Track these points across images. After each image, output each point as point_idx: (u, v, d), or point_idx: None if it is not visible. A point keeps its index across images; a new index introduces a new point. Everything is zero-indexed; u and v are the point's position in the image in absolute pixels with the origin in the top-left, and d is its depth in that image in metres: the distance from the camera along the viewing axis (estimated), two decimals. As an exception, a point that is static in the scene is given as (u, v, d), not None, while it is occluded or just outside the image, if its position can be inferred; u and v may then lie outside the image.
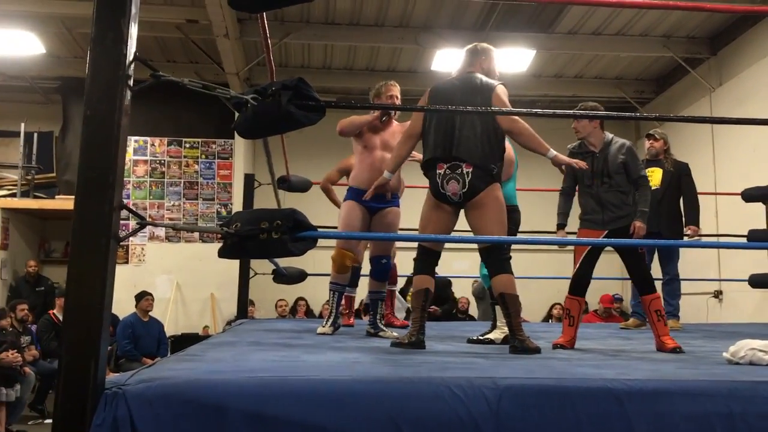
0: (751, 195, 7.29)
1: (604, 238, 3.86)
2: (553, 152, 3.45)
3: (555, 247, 9.38)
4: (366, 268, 4.79)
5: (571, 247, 4.16)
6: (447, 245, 4.02)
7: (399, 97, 4.68)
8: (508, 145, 4.35)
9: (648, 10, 7.78)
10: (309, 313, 9.55)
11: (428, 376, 2.20)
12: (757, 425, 2.02)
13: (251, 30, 8.26)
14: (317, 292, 9.33)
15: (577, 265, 3.87)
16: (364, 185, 4.40)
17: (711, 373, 2.42)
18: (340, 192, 5.08)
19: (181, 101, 9.21)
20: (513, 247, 4.14)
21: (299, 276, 5.80)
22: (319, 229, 2.70)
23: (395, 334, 4.24)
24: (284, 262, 5.53)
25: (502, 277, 3.43)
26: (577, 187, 4.09)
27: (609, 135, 3.97)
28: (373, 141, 4.53)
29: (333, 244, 4.79)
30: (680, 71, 9.42)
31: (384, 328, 4.45)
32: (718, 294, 8.76)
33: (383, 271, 4.53)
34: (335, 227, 5.71)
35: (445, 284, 8.23)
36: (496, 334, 4.01)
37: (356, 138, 4.56)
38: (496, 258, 3.46)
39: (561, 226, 4.20)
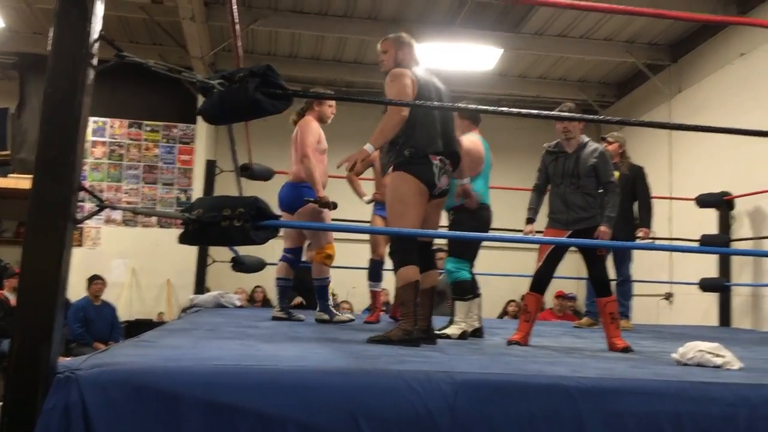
0: (704, 201, 7.50)
1: (567, 238, 3.92)
2: (365, 147, 3.36)
3: (513, 244, 9.49)
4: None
5: (536, 245, 4.22)
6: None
7: None
8: (477, 141, 4.40)
9: (612, 15, 7.90)
10: (266, 302, 9.48)
11: (386, 368, 2.21)
12: (704, 425, 2.08)
13: (218, 14, 8.14)
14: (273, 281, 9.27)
15: (540, 263, 3.93)
16: (322, 185, 4.65)
17: (661, 373, 2.48)
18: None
19: (142, 83, 9.04)
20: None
21: (258, 265, 5.77)
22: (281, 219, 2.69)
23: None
24: (243, 251, 5.49)
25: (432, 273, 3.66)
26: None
27: (585, 138, 4.03)
28: (324, 143, 4.78)
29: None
30: (641, 77, 9.59)
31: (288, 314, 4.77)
32: (668, 296, 8.97)
33: None
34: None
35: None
36: (453, 330, 4.05)
37: (317, 143, 4.70)
38: (425, 250, 3.59)
39: (530, 220, 4.24)
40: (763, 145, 6.74)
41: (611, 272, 6.24)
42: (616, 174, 5.80)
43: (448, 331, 4.06)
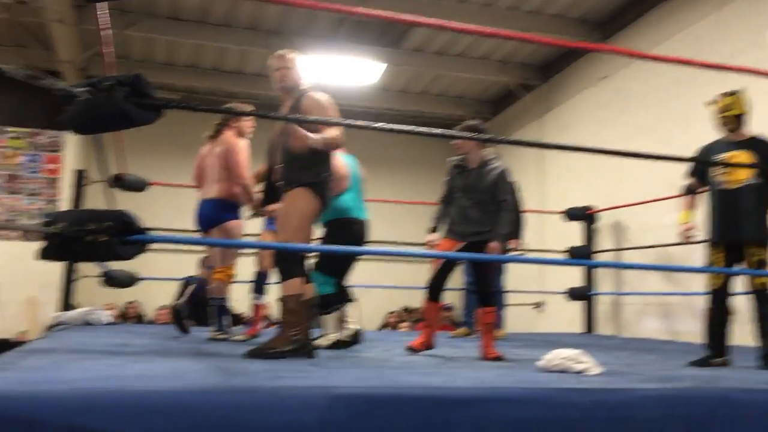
0: (571, 214, 7.95)
1: (460, 250, 4.07)
2: (311, 136, 3.46)
3: (390, 256, 9.65)
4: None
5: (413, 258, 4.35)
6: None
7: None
8: (342, 160, 4.56)
9: (487, 36, 8.22)
10: (140, 318, 9.11)
11: (259, 385, 2.18)
12: (566, 429, 2.18)
13: (90, 17, 7.77)
14: (150, 296, 8.93)
15: (435, 272, 4.07)
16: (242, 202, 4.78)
17: (527, 380, 2.59)
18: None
19: (4, 87, 8.49)
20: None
21: (130, 280, 5.54)
22: (155, 232, 2.60)
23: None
24: (116, 264, 5.26)
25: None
26: None
27: (489, 155, 4.17)
28: None
29: (167, 246, 4.67)
30: (515, 95, 10.04)
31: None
32: (539, 305, 9.41)
33: None
34: (178, 230, 5.57)
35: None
36: (323, 341, 4.13)
37: None
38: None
39: (433, 230, 4.36)
40: (623, 163, 7.22)
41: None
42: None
43: (319, 341, 4.12)
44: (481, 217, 4.04)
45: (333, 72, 8.70)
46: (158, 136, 8.40)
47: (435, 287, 4.08)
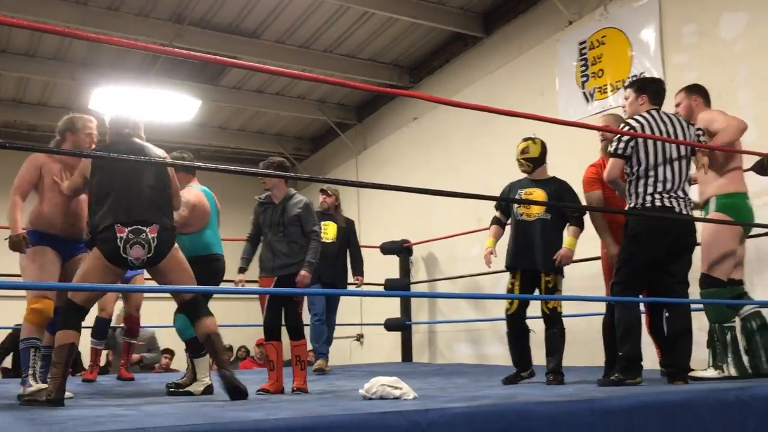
0: (387, 248, 8.30)
1: (275, 285, 4.09)
2: None
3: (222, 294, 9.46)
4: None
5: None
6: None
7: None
8: (200, 194, 4.43)
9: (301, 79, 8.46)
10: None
11: (74, 432, 2.10)
12: (382, 450, 2.32)
13: None
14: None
15: (264, 312, 4.10)
16: (56, 229, 3.85)
17: (348, 408, 2.71)
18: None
19: None
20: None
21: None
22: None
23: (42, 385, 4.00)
24: None
25: (210, 319, 3.63)
26: None
27: (292, 191, 4.30)
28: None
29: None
30: (333, 133, 10.35)
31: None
32: (360, 337, 9.66)
33: None
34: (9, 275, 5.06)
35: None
36: (196, 387, 3.97)
37: (43, 172, 3.88)
38: (199, 303, 3.64)
39: (241, 270, 4.42)
40: (434, 198, 7.70)
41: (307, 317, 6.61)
42: (334, 226, 6.16)
43: (191, 388, 3.97)
44: (290, 250, 4.13)
45: (148, 108, 8.43)
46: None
47: (270, 327, 4.11)
